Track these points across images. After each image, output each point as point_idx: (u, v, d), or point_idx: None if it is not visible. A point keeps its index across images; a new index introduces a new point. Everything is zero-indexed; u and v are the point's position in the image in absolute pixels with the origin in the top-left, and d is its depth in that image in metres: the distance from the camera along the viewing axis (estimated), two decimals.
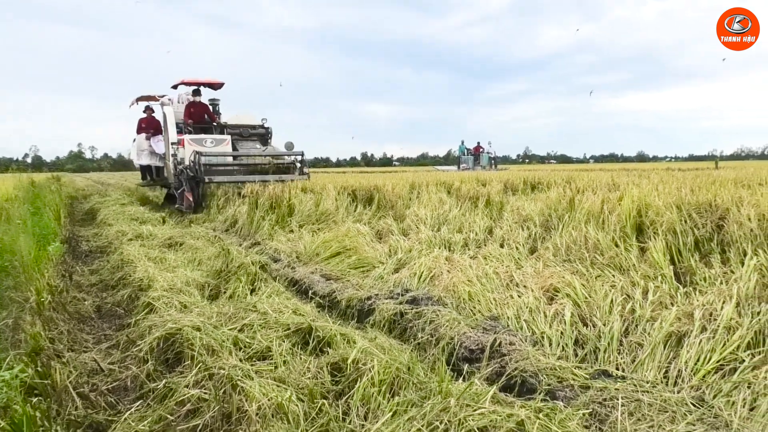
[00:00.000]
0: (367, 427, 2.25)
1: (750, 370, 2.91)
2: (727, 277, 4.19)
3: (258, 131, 15.15)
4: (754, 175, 10.80)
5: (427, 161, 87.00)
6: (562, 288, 4.34)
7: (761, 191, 5.86)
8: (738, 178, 9.89)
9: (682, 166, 27.46)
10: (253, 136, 15.03)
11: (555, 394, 2.75)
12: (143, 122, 16.22)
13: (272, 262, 6.43)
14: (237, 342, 3.27)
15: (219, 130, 14.48)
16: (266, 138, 15.18)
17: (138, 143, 16.16)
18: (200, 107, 14.58)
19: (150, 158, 16.11)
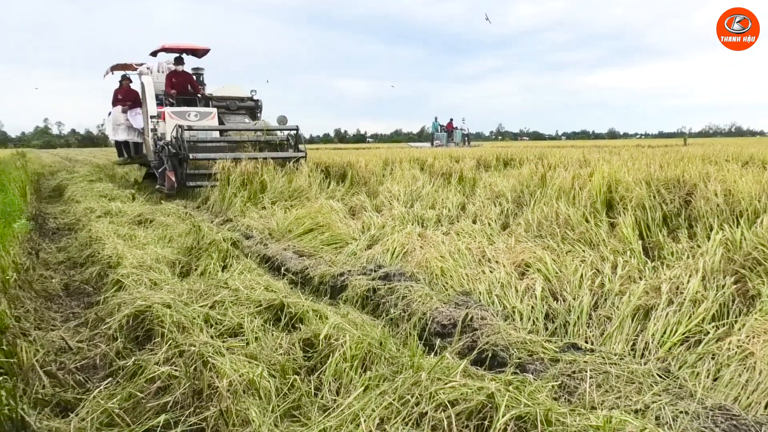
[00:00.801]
0: (339, 402, 2.25)
1: (714, 341, 2.98)
2: (693, 251, 4.27)
3: (247, 104, 13.82)
4: (721, 151, 11.00)
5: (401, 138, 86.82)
6: (533, 263, 4.39)
7: (727, 167, 5.97)
8: (705, 154, 10.06)
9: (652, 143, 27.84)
10: (242, 110, 13.70)
11: (525, 368, 2.78)
12: (119, 93, 14.65)
13: (244, 239, 6.38)
14: (208, 319, 3.24)
15: (204, 102, 13.15)
16: (255, 112, 13.95)
17: (114, 117, 14.67)
18: (183, 77, 13.23)
19: (127, 133, 14.64)
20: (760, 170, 5.98)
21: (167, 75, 13.19)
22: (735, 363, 2.74)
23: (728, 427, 2.18)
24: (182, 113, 11.73)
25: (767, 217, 4.08)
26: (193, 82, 13.49)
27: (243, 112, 13.67)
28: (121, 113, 14.37)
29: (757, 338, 2.83)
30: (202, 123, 11.73)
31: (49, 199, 11.95)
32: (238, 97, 13.72)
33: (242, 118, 13.48)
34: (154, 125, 11.87)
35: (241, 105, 13.63)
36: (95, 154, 38.05)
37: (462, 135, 38.66)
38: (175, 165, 10.74)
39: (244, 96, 13.86)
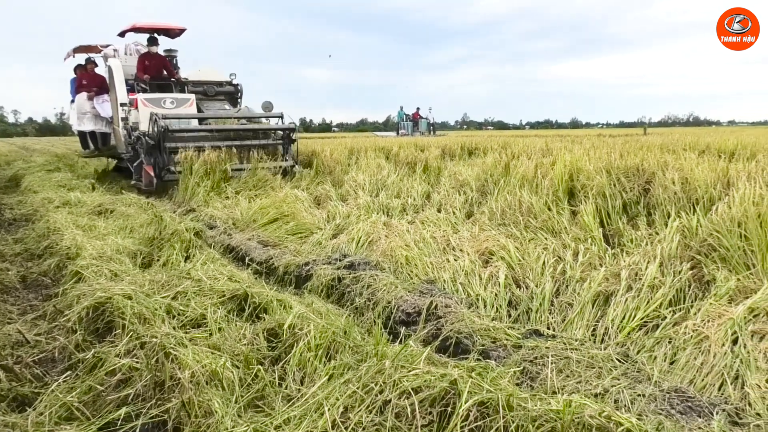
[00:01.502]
0: (303, 391, 2.25)
1: (671, 326, 3.06)
2: (652, 238, 4.37)
3: (226, 89, 12.74)
4: (679, 140, 11.25)
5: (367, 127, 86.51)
6: (497, 251, 4.43)
7: (685, 156, 6.11)
8: (664, 143, 10.28)
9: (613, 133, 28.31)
10: (220, 95, 12.64)
11: (489, 354, 2.82)
12: (84, 78, 13.10)
13: (208, 229, 6.31)
14: (170, 310, 3.20)
15: (180, 87, 12.04)
16: (236, 97, 12.87)
17: (78, 105, 13.09)
18: (157, 59, 12.01)
19: (94, 123, 13.09)
20: (716, 159, 6.14)
21: (139, 57, 11.93)
22: (690, 346, 2.81)
23: (684, 408, 2.25)
24: (157, 100, 10.63)
25: (722, 205, 4.18)
26: (168, 65, 12.31)
27: (222, 98, 12.68)
28: (87, 101, 12.93)
29: (712, 322, 2.91)
30: (179, 111, 10.69)
31: (5, 189, 11.60)
32: (216, 81, 12.64)
33: (221, 104, 12.48)
34: (125, 114, 10.89)
35: (219, 90, 12.61)
36: (54, 143, 37.11)
37: (427, 124, 38.74)
38: (156, 158, 9.73)
39: (222, 80, 12.77)
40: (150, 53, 11.90)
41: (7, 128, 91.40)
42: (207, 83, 12.45)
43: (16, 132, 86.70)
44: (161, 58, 12.21)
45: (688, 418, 2.17)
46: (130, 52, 12.81)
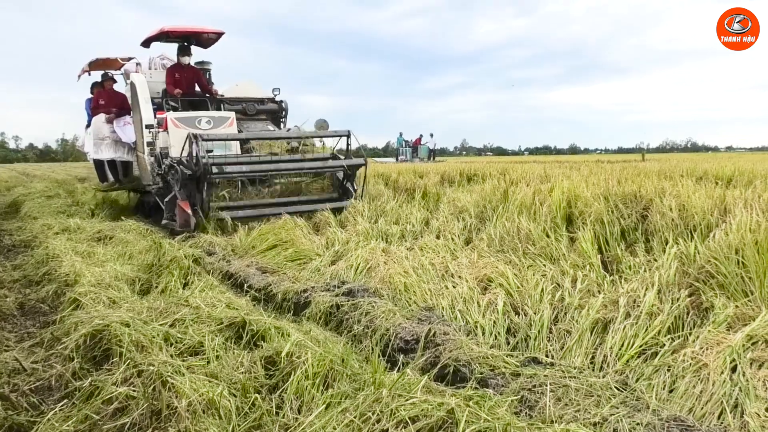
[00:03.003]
0: (301, 420, 2.24)
1: (670, 353, 3.05)
2: (650, 265, 4.37)
3: (268, 107, 10.89)
4: (677, 167, 11.30)
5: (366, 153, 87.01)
6: (495, 278, 4.43)
7: (682, 183, 6.15)
8: (662, 170, 10.34)
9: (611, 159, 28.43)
10: (261, 114, 10.77)
11: (487, 382, 2.80)
12: (101, 98, 11.15)
13: (206, 256, 6.31)
14: (168, 337, 3.19)
15: (215, 105, 10.30)
16: (279, 117, 11.05)
17: (95, 129, 11.04)
18: (189, 72, 10.24)
19: (114, 150, 11.08)
20: (713, 185, 6.17)
21: (168, 70, 10.21)
22: (689, 374, 2.80)
23: None
24: (190, 119, 8.90)
25: (719, 232, 4.20)
26: (202, 78, 10.59)
27: (263, 117, 10.85)
28: (105, 124, 10.98)
29: (711, 350, 2.90)
30: (218, 131, 8.94)
31: (5, 215, 11.61)
32: (257, 99, 10.86)
33: (264, 124, 10.68)
34: (151, 137, 9.12)
35: (261, 108, 10.80)
36: (54, 169, 37.25)
37: (428, 150, 38.91)
38: (192, 191, 7.88)
39: (264, 97, 10.99)
40: (181, 65, 10.20)
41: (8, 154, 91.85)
42: (246, 100, 10.71)
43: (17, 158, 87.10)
44: (194, 71, 10.51)
45: None
46: (155, 66, 11.31)
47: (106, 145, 11.12)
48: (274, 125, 10.82)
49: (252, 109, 10.61)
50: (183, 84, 10.03)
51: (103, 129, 11.02)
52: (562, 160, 25.09)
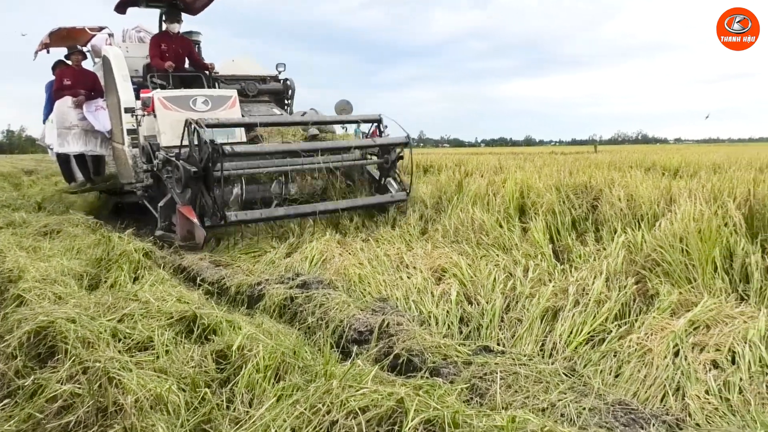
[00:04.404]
0: (251, 413, 2.22)
1: (616, 340, 3.13)
2: (599, 253, 4.47)
3: (271, 87, 9.27)
4: (627, 158, 11.60)
5: None
6: (449, 268, 4.47)
7: (631, 173, 6.30)
8: (613, 161, 10.58)
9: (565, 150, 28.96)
10: (263, 95, 9.15)
11: (440, 371, 2.83)
12: (66, 77, 9.04)
13: (158, 249, 6.18)
14: (116, 333, 3.12)
15: (209, 82, 8.66)
16: (284, 98, 9.42)
17: (59, 116, 8.79)
18: (179, 43, 8.52)
19: (84, 141, 8.81)
20: (660, 176, 6.35)
21: (152, 40, 8.49)
22: (635, 359, 2.88)
23: (627, 420, 2.30)
24: (183, 99, 7.19)
25: (665, 221, 4.32)
26: (194, 51, 8.91)
27: (266, 99, 9.19)
28: (72, 108, 8.77)
29: (655, 335, 2.99)
30: (219, 114, 7.26)
31: None
32: (257, 77, 9.22)
33: (267, 107, 8.99)
34: (132, 124, 7.34)
35: (263, 88, 9.14)
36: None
37: None
38: (197, 194, 6.18)
39: (266, 74, 9.35)
40: (168, 34, 8.48)
41: None
42: (245, 79, 9.05)
43: None
44: (185, 41, 8.74)
45: (631, 430, 2.22)
46: (129, 38, 9.54)
47: (73, 136, 8.82)
48: (278, 108, 9.14)
49: (253, 89, 8.92)
50: (171, 57, 8.30)
51: (69, 116, 8.77)
52: (517, 152, 25.42)
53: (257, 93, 9.01)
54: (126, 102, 7.47)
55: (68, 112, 8.78)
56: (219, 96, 7.58)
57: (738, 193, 4.71)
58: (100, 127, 8.62)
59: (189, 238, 6.05)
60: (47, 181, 14.51)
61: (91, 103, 8.84)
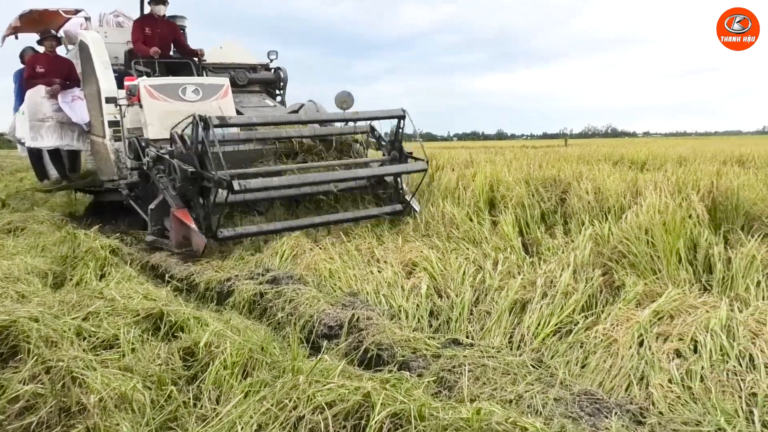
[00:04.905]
0: (218, 410, 2.20)
1: (583, 331, 3.17)
2: (567, 246, 4.53)
3: (261, 76, 8.70)
4: (596, 152, 11.75)
5: None
6: (419, 262, 4.48)
7: (598, 167, 6.39)
8: (582, 155, 10.72)
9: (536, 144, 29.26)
10: (254, 84, 8.56)
11: (409, 365, 2.84)
12: (38, 64, 8.28)
13: (126, 246, 6.09)
14: (80, 332, 3.06)
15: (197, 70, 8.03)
16: (276, 88, 8.88)
17: (31, 107, 8.02)
18: (164, 27, 7.85)
19: (59, 134, 8.09)
20: (627, 169, 6.44)
21: (135, 24, 7.82)
22: (601, 350, 2.92)
23: (592, 410, 2.33)
24: (172, 88, 6.65)
25: (631, 213, 4.39)
26: (180, 36, 8.23)
27: (257, 89, 8.59)
28: (46, 99, 8.01)
29: (620, 326, 3.04)
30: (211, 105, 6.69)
31: None
32: (248, 65, 8.62)
33: (259, 98, 8.39)
34: (115, 116, 6.80)
35: (253, 78, 8.55)
36: None
37: None
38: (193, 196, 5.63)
39: (256, 63, 8.77)
40: (152, 17, 7.79)
41: None
42: (234, 67, 8.41)
43: None
44: (170, 25, 8.04)
45: (596, 419, 2.25)
46: (107, 22, 8.84)
47: (47, 129, 8.03)
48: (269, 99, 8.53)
49: (243, 78, 8.29)
50: (156, 42, 7.57)
51: (42, 107, 8.00)
52: (489, 146, 25.61)
53: (247, 82, 8.43)
54: (107, 91, 6.90)
55: (42, 103, 8.05)
56: (210, 85, 6.98)
57: (702, 185, 4.81)
58: (77, 119, 7.99)
59: (185, 245, 5.54)
60: (12, 177, 14.15)
61: (67, 92, 8.18)
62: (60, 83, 8.11)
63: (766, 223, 4.37)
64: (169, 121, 6.06)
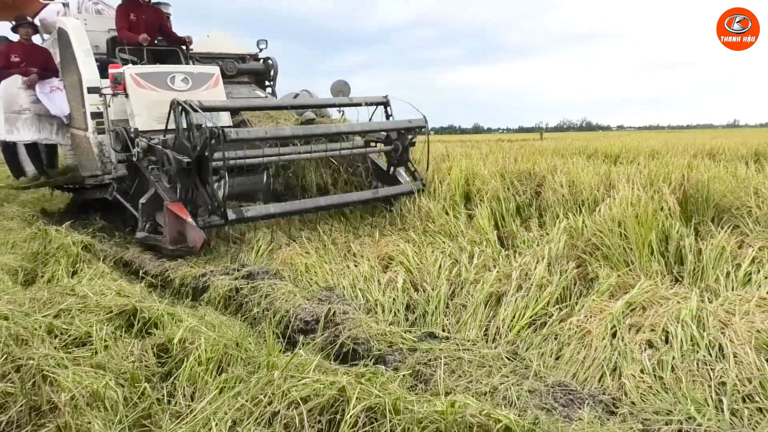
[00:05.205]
0: (192, 407, 2.19)
1: (558, 323, 3.20)
2: (542, 239, 4.56)
3: (250, 66, 8.39)
4: (571, 145, 11.85)
5: None
6: (396, 256, 4.49)
7: (573, 160, 6.44)
8: (557, 148, 10.80)
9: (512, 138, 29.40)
10: (243, 75, 8.23)
11: (385, 359, 2.84)
12: (13, 53, 7.77)
13: (99, 242, 6.00)
14: (52, 329, 3.02)
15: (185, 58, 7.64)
16: (265, 79, 8.60)
17: (6, 98, 7.49)
18: (150, 13, 7.50)
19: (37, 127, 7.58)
20: (601, 163, 6.51)
21: (119, 10, 7.36)
22: (575, 341, 2.96)
23: (566, 401, 2.36)
24: (160, 77, 6.35)
25: (604, 206, 4.44)
26: (166, 22, 7.88)
27: (246, 80, 8.30)
28: (22, 90, 7.47)
29: (594, 317, 3.07)
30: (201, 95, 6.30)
31: None
32: (236, 55, 8.31)
33: (249, 89, 8.09)
34: (98, 106, 6.46)
35: (242, 68, 8.22)
36: None
37: None
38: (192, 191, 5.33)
39: (245, 53, 8.47)
40: (137, 2, 7.44)
41: None
42: (223, 57, 8.08)
43: None
44: (156, 12, 7.69)
45: (569, 410, 2.28)
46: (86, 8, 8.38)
47: (24, 122, 7.48)
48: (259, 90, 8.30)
49: (231, 69, 7.91)
50: (142, 29, 7.20)
51: (19, 98, 7.47)
52: (465, 140, 25.67)
53: (236, 73, 8.05)
54: (89, 81, 6.49)
55: (18, 94, 7.49)
56: (200, 74, 6.65)
57: (673, 178, 4.88)
58: (56, 110, 7.44)
59: (180, 241, 5.19)
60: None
61: (45, 83, 7.59)
62: (38, 73, 7.54)
63: (735, 215, 4.44)
64: (157, 111, 5.87)
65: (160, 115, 5.79)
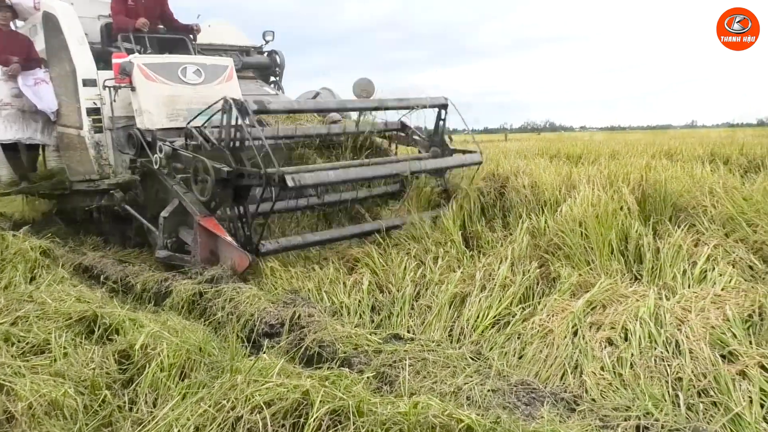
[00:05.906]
0: (155, 413, 2.16)
1: (521, 322, 3.25)
2: (506, 239, 4.61)
3: (255, 60, 7.72)
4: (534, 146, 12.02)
5: None
6: (361, 258, 4.49)
7: (535, 161, 6.53)
8: (521, 149, 10.94)
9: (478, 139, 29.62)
10: (248, 69, 7.46)
11: (350, 361, 2.84)
12: None
13: (58, 248, 5.87)
14: (8, 337, 2.95)
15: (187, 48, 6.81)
16: (271, 74, 7.90)
17: None
18: None
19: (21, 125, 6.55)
20: (563, 164, 6.61)
21: None
22: (537, 340, 3.00)
23: (528, 399, 2.39)
24: (171, 68, 5.62)
25: (566, 206, 4.51)
26: (168, 8, 7.01)
27: (251, 75, 7.50)
28: (3, 81, 6.47)
29: (556, 316, 3.13)
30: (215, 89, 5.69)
31: None
32: (240, 47, 7.65)
33: (256, 85, 7.38)
34: (95, 101, 5.72)
35: (247, 62, 7.52)
36: None
37: None
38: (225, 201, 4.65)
39: (249, 45, 7.76)
40: None
41: None
42: (227, 49, 7.44)
43: None
44: None
45: (531, 408, 2.31)
46: None
47: (5, 119, 6.47)
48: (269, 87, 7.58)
49: (236, 62, 6.92)
50: (142, 14, 6.45)
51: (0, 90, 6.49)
52: None
53: (241, 67, 7.17)
54: (85, 72, 5.73)
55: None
56: (213, 65, 5.95)
57: (632, 178, 4.98)
58: (43, 106, 6.43)
59: (212, 262, 4.54)
60: None
61: (28, 74, 6.53)
62: (19, 62, 6.47)
63: (691, 214, 4.56)
64: (169, 107, 5.28)
65: (171, 112, 5.28)
